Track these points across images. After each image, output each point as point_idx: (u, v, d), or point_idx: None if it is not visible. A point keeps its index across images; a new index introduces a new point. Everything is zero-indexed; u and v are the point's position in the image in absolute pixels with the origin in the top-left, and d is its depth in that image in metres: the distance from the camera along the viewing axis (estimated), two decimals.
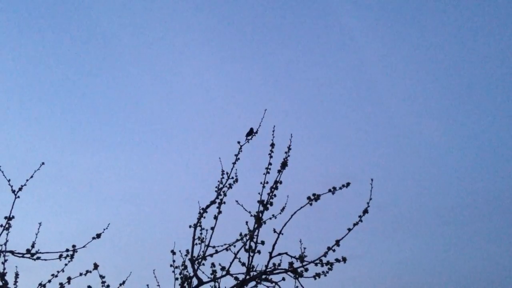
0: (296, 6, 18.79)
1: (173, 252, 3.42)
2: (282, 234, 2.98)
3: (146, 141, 17.96)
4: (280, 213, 3.23)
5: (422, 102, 19.21)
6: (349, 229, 2.92)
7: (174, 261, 3.40)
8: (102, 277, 3.24)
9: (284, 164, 3.17)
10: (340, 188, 2.99)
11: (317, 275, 2.87)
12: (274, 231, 2.99)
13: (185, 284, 3.20)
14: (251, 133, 3.70)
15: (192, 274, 3.20)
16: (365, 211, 2.95)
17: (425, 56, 19.16)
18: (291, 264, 2.91)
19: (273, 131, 3.37)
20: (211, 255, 3.30)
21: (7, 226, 3.11)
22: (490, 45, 18.34)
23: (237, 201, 3.39)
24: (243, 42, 19.67)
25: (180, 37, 18.83)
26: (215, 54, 19.36)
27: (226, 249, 3.30)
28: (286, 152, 3.22)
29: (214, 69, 19.48)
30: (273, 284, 2.91)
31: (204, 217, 3.48)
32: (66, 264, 3.22)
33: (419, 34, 18.92)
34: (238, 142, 3.57)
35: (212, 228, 3.35)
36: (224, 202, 3.43)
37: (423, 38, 18.96)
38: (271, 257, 2.94)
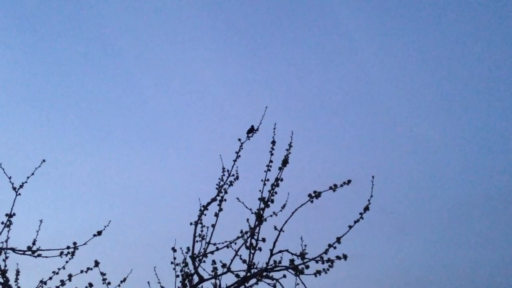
0: (296, 6, 18.76)
1: (174, 250, 3.42)
2: (283, 231, 2.98)
3: (147, 139, 17.97)
4: (281, 211, 3.23)
5: (422, 103, 19.20)
6: (350, 226, 2.92)
7: (175, 258, 3.41)
8: (103, 274, 3.24)
9: (285, 162, 3.17)
10: (341, 186, 2.98)
11: (318, 272, 2.87)
12: (275, 228, 2.99)
13: (186, 281, 3.20)
14: (252, 130, 3.70)
15: (193, 271, 3.20)
16: (366, 208, 2.95)
17: (425, 57, 19.14)
18: (292, 261, 2.91)
19: (274, 128, 3.36)
20: (212, 252, 3.30)
21: (8, 223, 3.12)
22: (490, 44, 18.30)
23: (238, 199, 3.39)
24: (243, 40, 19.64)
25: (180, 35, 18.81)
26: (216, 52, 19.35)
27: (227, 246, 3.30)
28: (287, 150, 3.22)
29: (215, 67, 19.46)
30: (274, 281, 2.91)
31: (205, 215, 3.49)
32: (67, 262, 3.22)
33: (418, 34, 18.90)
34: (239, 140, 3.57)
35: (213, 225, 3.35)
36: (225, 200, 3.43)
37: (422, 39, 18.94)
38: (272, 254, 2.94)
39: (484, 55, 18.43)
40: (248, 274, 2.96)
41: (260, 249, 2.97)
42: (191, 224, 3.46)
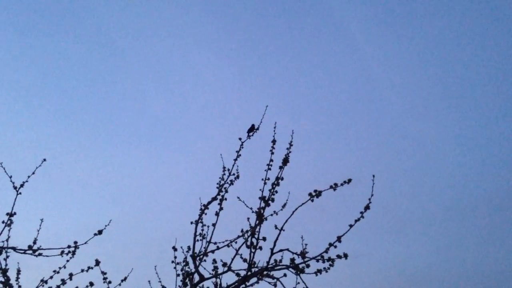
0: (297, 6, 18.76)
1: (175, 249, 3.42)
2: (284, 230, 2.98)
3: (148, 138, 17.98)
4: (282, 210, 3.24)
5: (422, 102, 19.20)
6: (351, 225, 2.92)
7: (175, 257, 3.41)
8: (103, 273, 3.25)
9: (285, 161, 3.16)
10: (342, 185, 2.98)
11: (319, 271, 2.87)
12: (276, 228, 2.99)
13: (187, 280, 3.21)
14: (252, 129, 3.71)
15: (193, 270, 3.21)
16: (367, 207, 2.95)
17: (425, 57, 19.13)
18: (292, 260, 2.91)
19: (275, 127, 3.36)
20: (212, 251, 3.30)
21: (9, 222, 3.12)
22: (491, 44, 18.29)
23: (238, 198, 3.39)
24: (244, 40, 19.64)
25: (181, 35, 18.81)
26: (216, 51, 19.34)
27: (228, 245, 3.30)
28: (287, 149, 3.22)
29: (216, 66, 19.46)
30: (275, 280, 2.91)
31: (206, 214, 3.49)
32: (67, 261, 3.23)
33: (419, 35, 18.89)
34: (240, 139, 3.57)
35: (214, 225, 3.35)
36: (226, 199, 3.43)
37: (423, 39, 18.93)
38: (272, 253, 2.94)
39: (484, 55, 18.42)
40: (249, 273, 2.96)
41: (260, 248, 2.97)
42: (191, 223, 3.46)
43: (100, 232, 3.21)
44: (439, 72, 18.95)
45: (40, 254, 3.05)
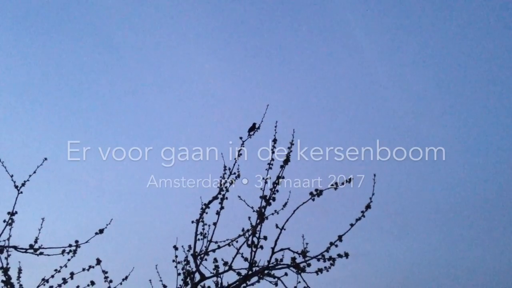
0: (298, 4, 18.74)
1: (176, 248, 3.42)
2: (285, 229, 2.98)
3: (148, 136, 17.97)
4: (283, 209, 3.23)
5: (424, 101, 19.15)
6: (352, 225, 2.92)
7: (176, 256, 3.41)
8: (105, 272, 3.25)
9: (286, 160, 3.16)
10: (343, 184, 2.98)
11: (320, 270, 2.86)
12: (277, 227, 2.98)
13: (188, 279, 3.21)
14: (253, 128, 3.70)
15: (194, 269, 3.21)
16: (368, 207, 2.95)
17: (427, 56, 19.08)
18: (293, 259, 2.90)
19: (275, 126, 3.36)
20: (213, 251, 3.30)
21: (10, 221, 3.12)
22: (493, 44, 18.25)
23: (239, 197, 3.39)
24: (245, 38, 19.62)
25: (181, 32, 18.79)
26: (216, 50, 19.32)
27: (229, 244, 3.30)
28: (288, 148, 3.22)
29: (216, 65, 19.44)
30: (276, 279, 2.91)
31: (207, 213, 3.49)
32: (69, 260, 3.23)
33: (420, 33, 18.84)
34: (240, 138, 3.57)
35: (215, 224, 3.34)
36: (227, 198, 3.43)
37: (425, 38, 18.88)
38: (273, 253, 2.94)
39: (486, 55, 18.38)
40: (250, 272, 2.96)
41: (261, 247, 2.97)
42: (192, 222, 3.46)
43: (101, 231, 3.21)
44: (442, 71, 18.92)
45: (41, 253, 3.05)
